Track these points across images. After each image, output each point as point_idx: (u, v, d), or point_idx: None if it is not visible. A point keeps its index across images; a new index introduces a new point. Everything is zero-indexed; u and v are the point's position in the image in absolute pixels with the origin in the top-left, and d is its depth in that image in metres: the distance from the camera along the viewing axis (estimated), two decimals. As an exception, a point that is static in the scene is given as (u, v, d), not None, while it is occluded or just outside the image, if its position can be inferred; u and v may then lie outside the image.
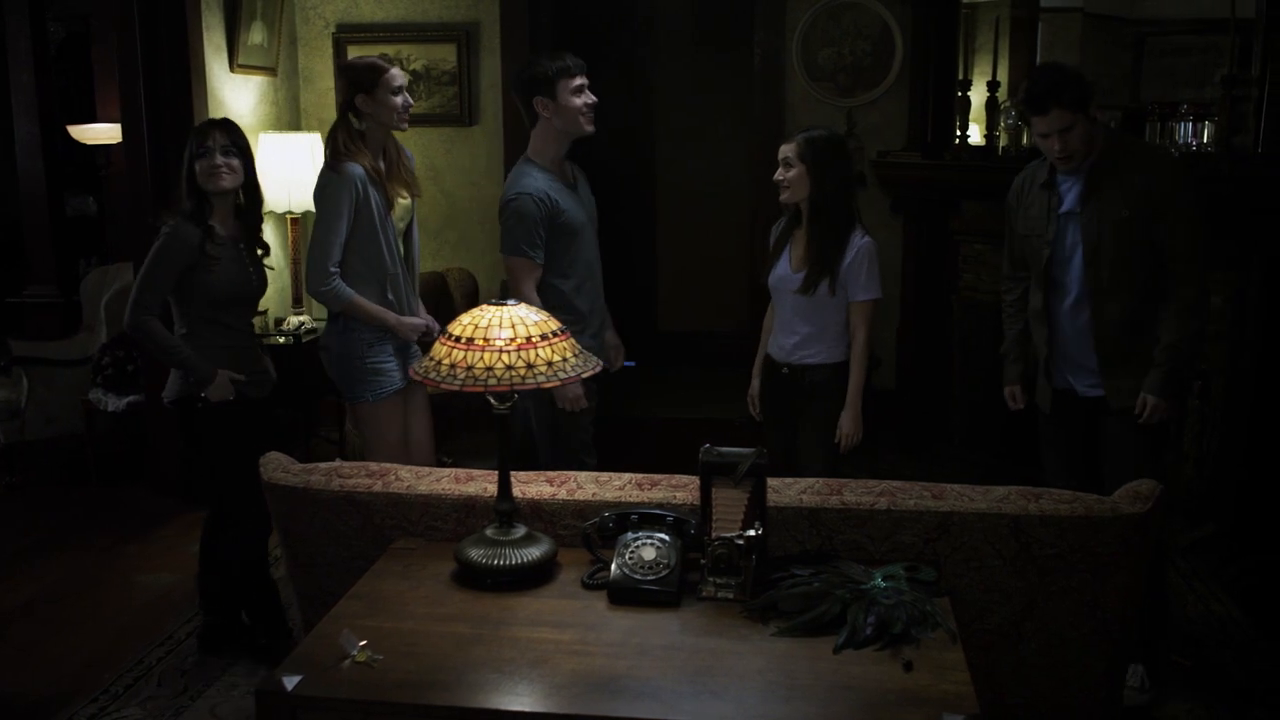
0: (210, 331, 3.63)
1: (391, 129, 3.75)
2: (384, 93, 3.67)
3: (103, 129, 6.63)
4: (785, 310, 3.74)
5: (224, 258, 3.60)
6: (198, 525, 4.89)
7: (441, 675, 2.03)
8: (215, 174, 3.56)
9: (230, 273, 3.61)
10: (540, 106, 3.70)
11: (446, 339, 2.33)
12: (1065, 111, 3.16)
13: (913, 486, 2.53)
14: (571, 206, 3.76)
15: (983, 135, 5.20)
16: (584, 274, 3.83)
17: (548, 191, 3.68)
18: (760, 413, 3.91)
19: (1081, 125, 3.19)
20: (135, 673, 3.69)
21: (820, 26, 5.58)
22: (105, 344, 5.60)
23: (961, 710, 1.88)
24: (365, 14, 5.84)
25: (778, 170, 3.64)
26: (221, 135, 3.59)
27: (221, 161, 3.56)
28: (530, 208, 3.65)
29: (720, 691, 1.96)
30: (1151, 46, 5.23)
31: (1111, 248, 3.26)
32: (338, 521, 2.65)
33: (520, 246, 3.68)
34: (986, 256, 5.20)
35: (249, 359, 3.71)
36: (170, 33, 4.92)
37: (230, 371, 3.60)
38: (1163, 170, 3.27)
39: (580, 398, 3.73)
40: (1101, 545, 2.40)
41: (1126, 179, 3.22)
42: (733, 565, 2.30)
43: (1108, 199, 3.24)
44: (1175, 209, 3.20)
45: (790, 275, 3.70)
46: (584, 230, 3.82)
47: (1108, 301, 3.31)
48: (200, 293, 3.58)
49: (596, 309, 3.92)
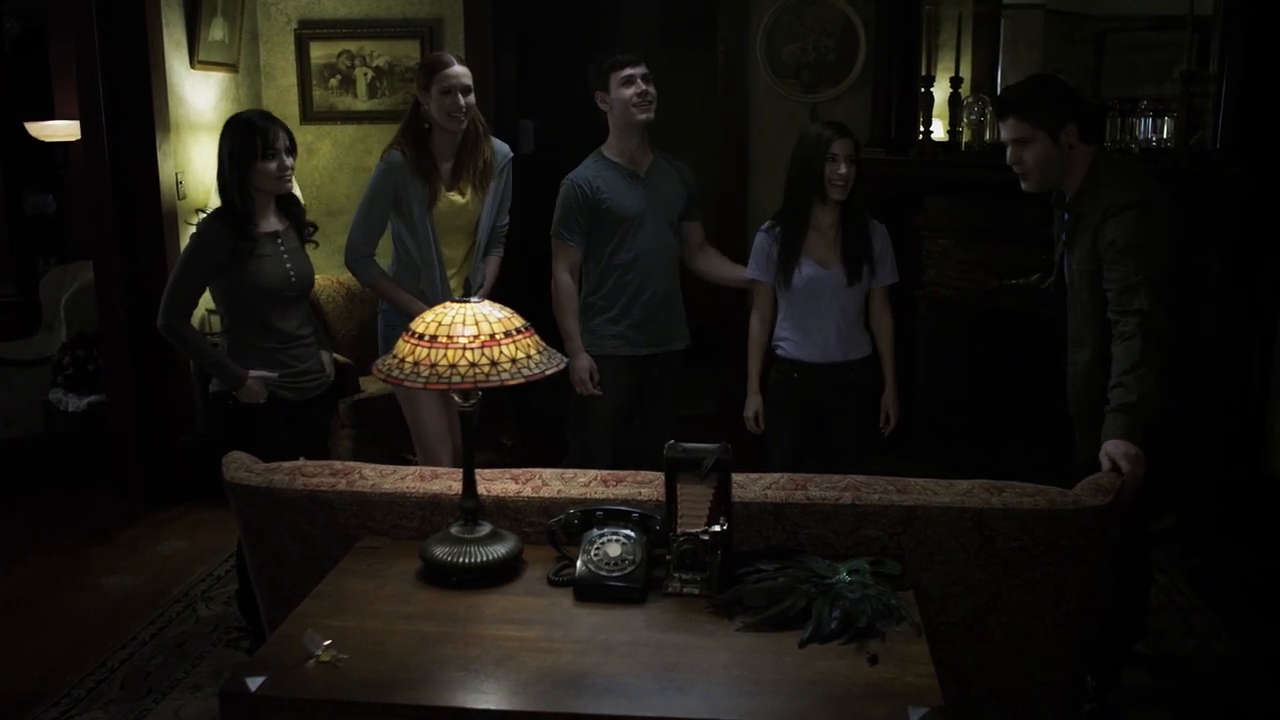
0: (250, 331, 3.56)
1: (444, 128, 3.83)
2: (436, 91, 3.78)
3: (61, 126, 6.56)
4: (819, 310, 3.72)
5: (262, 255, 3.51)
6: (161, 526, 4.89)
7: (407, 674, 2.02)
8: (283, 177, 3.51)
9: (266, 271, 3.51)
10: (600, 101, 3.94)
11: (410, 336, 2.32)
12: (1023, 123, 3.03)
13: (877, 481, 2.54)
14: (623, 197, 3.91)
15: (946, 131, 5.23)
16: (635, 266, 3.95)
17: (591, 180, 3.91)
18: (765, 424, 3.84)
19: (1040, 145, 3.03)
20: (98, 675, 3.66)
21: (784, 23, 5.58)
22: (65, 343, 5.54)
23: (926, 703, 1.89)
24: (328, 10, 5.79)
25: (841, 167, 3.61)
26: (283, 134, 3.51)
27: (290, 163, 3.52)
28: (569, 192, 3.93)
29: (686, 687, 1.97)
30: (1113, 43, 5.26)
31: (1084, 297, 3.08)
32: (302, 520, 2.63)
33: (557, 229, 3.98)
34: (950, 251, 5.24)
35: (292, 360, 3.61)
36: (129, 29, 4.87)
37: (262, 373, 3.52)
38: (1111, 235, 2.94)
39: (585, 382, 3.93)
40: (1064, 538, 2.42)
41: (1094, 227, 3.00)
42: (698, 561, 2.30)
43: (1081, 245, 3.05)
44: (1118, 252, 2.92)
45: (824, 273, 3.70)
46: (639, 221, 3.93)
47: (1080, 350, 3.14)
48: (236, 293, 3.52)
49: (652, 300, 3.99)
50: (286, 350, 3.61)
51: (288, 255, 3.59)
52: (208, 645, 3.85)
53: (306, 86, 5.81)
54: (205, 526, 4.87)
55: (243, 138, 3.47)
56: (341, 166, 5.87)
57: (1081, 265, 3.06)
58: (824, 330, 3.74)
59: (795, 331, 3.78)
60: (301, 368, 3.64)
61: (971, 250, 5.15)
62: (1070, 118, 3.01)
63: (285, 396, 3.60)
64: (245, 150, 3.46)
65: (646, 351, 4.02)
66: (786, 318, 3.81)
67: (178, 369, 5.16)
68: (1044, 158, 3.04)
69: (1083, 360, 3.13)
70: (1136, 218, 2.92)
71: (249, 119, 3.54)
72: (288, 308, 3.61)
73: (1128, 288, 2.91)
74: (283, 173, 3.50)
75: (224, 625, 3.96)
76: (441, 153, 3.88)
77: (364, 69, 5.76)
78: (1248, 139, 4.25)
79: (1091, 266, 3.02)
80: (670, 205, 4.02)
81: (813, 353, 3.75)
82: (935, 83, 5.27)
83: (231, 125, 3.54)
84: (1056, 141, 3.02)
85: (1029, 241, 4.91)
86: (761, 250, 3.80)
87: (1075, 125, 3.01)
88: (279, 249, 3.57)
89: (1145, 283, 2.89)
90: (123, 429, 5.16)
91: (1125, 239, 2.92)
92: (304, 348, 3.67)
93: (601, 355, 3.98)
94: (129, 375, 5.09)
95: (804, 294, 3.71)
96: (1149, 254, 2.91)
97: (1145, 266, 2.90)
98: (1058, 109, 3.00)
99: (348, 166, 5.87)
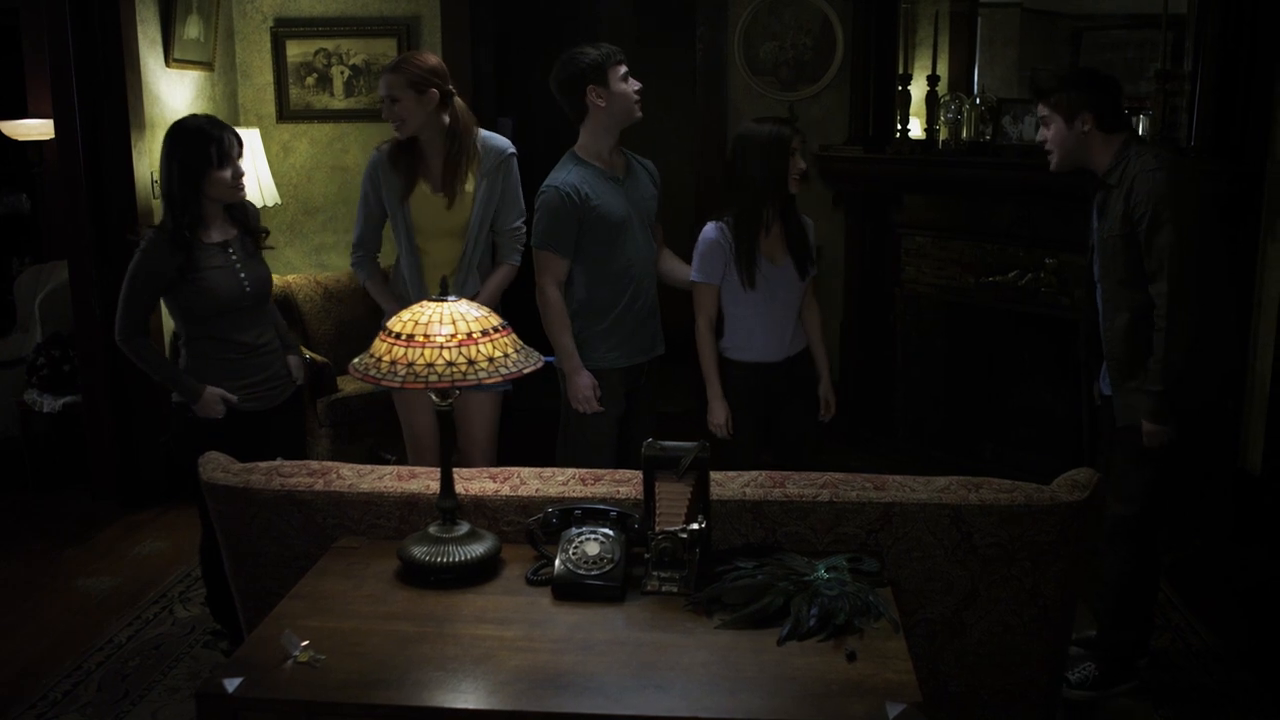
0: (206, 344, 3.49)
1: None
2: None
3: (35, 125, 6.51)
4: (774, 307, 3.72)
5: (211, 267, 3.42)
6: (138, 527, 4.86)
7: (385, 674, 2.02)
8: (239, 184, 3.42)
9: (217, 283, 3.42)
10: (594, 96, 3.65)
11: (386, 335, 2.32)
12: (1044, 106, 3.33)
13: (855, 478, 2.55)
14: (609, 202, 3.71)
15: (923, 129, 5.25)
16: (625, 273, 3.76)
17: (578, 186, 3.65)
18: (733, 428, 3.78)
19: (1057, 128, 3.31)
20: (75, 678, 3.63)
21: (761, 21, 5.59)
22: (40, 344, 5.50)
23: (904, 699, 1.89)
24: (304, 8, 5.77)
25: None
26: (237, 140, 3.42)
27: (244, 169, 3.44)
28: (556, 201, 3.64)
29: (665, 685, 1.97)
30: (1089, 41, 5.29)
31: (1113, 264, 3.28)
32: (278, 521, 2.62)
33: (545, 241, 3.68)
34: (928, 249, 5.26)
35: (253, 369, 3.55)
36: (103, 26, 4.83)
37: (221, 390, 3.45)
38: (1140, 192, 3.17)
39: (590, 400, 3.71)
40: (1041, 533, 2.43)
41: (1124, 194, 3.21)
42: (676, 559, 2.30)
43: (1112, 213, 3.25)
44: (1149, 231, 3.14)
45: (777, 269, 3.69)
46: (626, 226, 3.74)
47: (1117, 314, 3.30)
48: (189, 308, 3.44)
49: (643, 308, 3.84)
50: (247, 360, 3.54)
51: (240, 264, 3.50)
52: (185, 647, 3.83)
53: (283, 85, 5.78)
54: (182, 527, 4.84)
55: (195, 146, 3.34)
56: (318, 165, 5.85)
57: (1113, 230, 3.26)
58: (781, 326, 3.75)
59: (755, 333, 3.74)
60: (263, 376, 3.59)
61: (949, 248, 5.18)
62: (1086, 107, 3.26)
63: (251, 408, 3.55)
64: (198, 159, 3.33)
65: (637, 361, 3.87)
66: (742, 320, 3.74)
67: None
68: (1059, 139, 3.33)
69: (1121, 324, 3.29)
70: (1166, 179, 3.15)
71: (199, 126, 3.39)
72: (244, 317, 3.53)
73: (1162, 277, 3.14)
74: (237, 180, 3.42)
75: (202, 627, 3.94)
76: (429, 151, 3.83)
77: (341, 67, 5.74)
78: (1222, 137, 4.28)
79: (1124, 230, 3.21)
80: (648, 207, 3.90)
81: (770, 351, 3.75)
82: (912, 81, 5.30)
83: (179, 133, 3.39)
84: (1071, 126, 3.29)
85: (1006, 239, 4.95)
86: (718, 250, 3.70)
87: (1091, 114, 3.26)
88: (230, 258, 3.48)
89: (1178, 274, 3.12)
90: (99, 430, 5.12)
91: (1157, 195, 3.13)
92: (266, 355, 3.60)
93: (596, 370, 3.75)
94: (104, 376, 5.05)
95: (764, 293, 3.69)
96: (1179, 211, 3.13)
97: (1177, 250, 3.11)
98: (1074, 98, 3.27)
99: (324, 165, 5.85)
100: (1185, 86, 4.41)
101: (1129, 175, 3.21)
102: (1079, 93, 3.27)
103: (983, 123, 5.03)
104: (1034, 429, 5.05)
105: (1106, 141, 3.28)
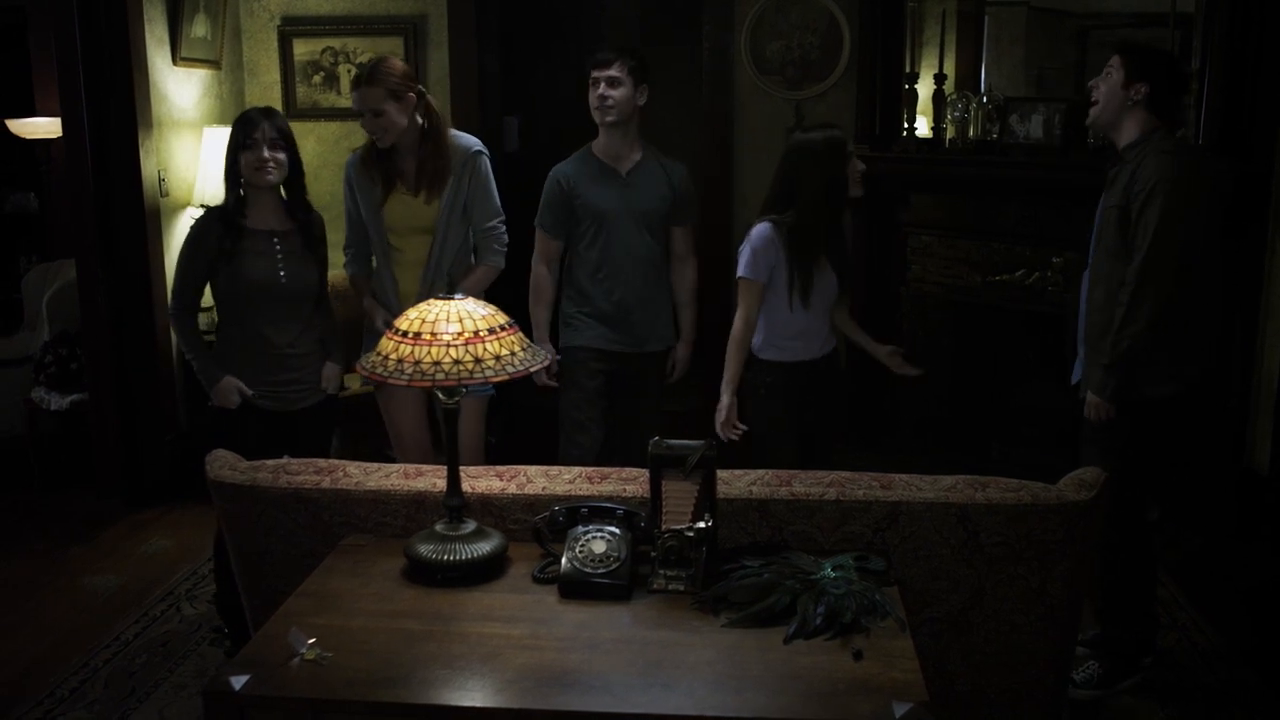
0: (234, 331, 3.56)
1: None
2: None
3: (42, 123, 6.53)
4: (819, 312, 3.72)
5: (249, 253, 3.49)
6: (144, 525, 4.86)
7: (392, 672, 2.02)
8: (262, 168, 3.47)
9: (251, 270, 3.49)
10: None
11: (393, 334, 2.32)
12: (1117, 59, 3.35)
13: (861, 477, 2.55)
14: (596, 195, 3.92)
15: (930, 128, 5.24)
16: (606, 264, 3.98)
17: (570, 175, 3.96)
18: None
19: (1113, 82, 3.32)
20: (81, 675, 3.64)
21: (768, 20, 5.58)
22: (47, 342, 5.51)
23: (910, 698, 1.89)
24: (311, 6, 5.77)
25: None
26: (270, 126, 3.48)
27: (269, 155, 3.47)
28: (550, 185, 4.00)
29: (671, 683, 1.97)
30: (1095, 40, 5.29)
31: (1106, 233, 3.33)
32: (285, 519, 2.62)
33: (539, 219, 4.06)
34: (934, 248, 5.25)
35: (277, 369, 3.57)
36: (111, 25, 4.84)
37: (238, 381, 3.51)
38: (1147, 169, 3.22)
39: (541, 374, 3.92)
40: (1047, 533, 2.43)
41: (1132, 170, 3.27)
42: (683, 557, 2.30)
43: (1118, 184, 3.31)
44: (1141, 206, 3.18)
45: (820, 274, 3.68)
46: (611, 221, 3.94)
47: (1096, 286, 3.38)
48: (226, 289, 3.54)
49: (623, 301, 4.00)
50: (272, 358, 3.57)
51: (282, 257, 3.55)
52: (192, 644, 3.83)
53: (290, 83, 5.79)
54: (188, 525, 4.85)
55: (235, 128, 3.54)
56: (325, 164, 5.84)
57: (1112, 201, 3.30)
58: (822, 330, 3.77)
59: (800, 336, 3.72)
60: (288, 378, 3.60)
61: (956, 247, 5.17)
62: (1149, 79, 3.30)
63: (267, 406, 3.58)
64: (233, 140, 3.52)
65: (618, 348, 4.02)
66: (788, 323, 3.69)
67: (160, 368, 5.14)
68: (1111, 92, 3.36)
69: (1100, 295, 3.35)
70: (1174, 162, 3.21)
71: (248, 112, 3.60)
72: (278, 314, 3.56)
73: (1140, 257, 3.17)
74: (261, 165, 3.47)
75: (208, 624, 3.95)
76: (402, 152, 3.84)
77: (347, 66, 5.74)
78: (1229, 134, 4.27)
79: (1123, 201, 3.26)
80: (650, 207, 3.96)
81: (812, 352, 3.76)
82: (919, 79, 5.28)
83: (236, 117, 3.62)
84: (1127, 88, 3.32)
85: (1013, 238, 4.94)
86: (771, 249, 3.62)
87: (1148, 88, 3.30)
88: (274, 248, 3.54)
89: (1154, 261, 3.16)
90: (105, 428, 5.13)
91: (1160, 174, 3.17)
92: (295, 358, 3.62)
93: (575, 346, 4.04)
94: (111, 374, 5.06)
95: (817, 298, 3.68)
96: (1174, 195, 3.16)
97: (1168, 206, 3.14)
98: (1145, 65, 3.32)
99: (331, 164, 5.84)
100: (1193, 85, 4.40)
101: (1145, 154, 3.26)
102: (1152, 65, 3.32)
103: (989, 121, 5.02)
104: (1040, 428, 5.04)
105: (1145, 121, 3.32)
